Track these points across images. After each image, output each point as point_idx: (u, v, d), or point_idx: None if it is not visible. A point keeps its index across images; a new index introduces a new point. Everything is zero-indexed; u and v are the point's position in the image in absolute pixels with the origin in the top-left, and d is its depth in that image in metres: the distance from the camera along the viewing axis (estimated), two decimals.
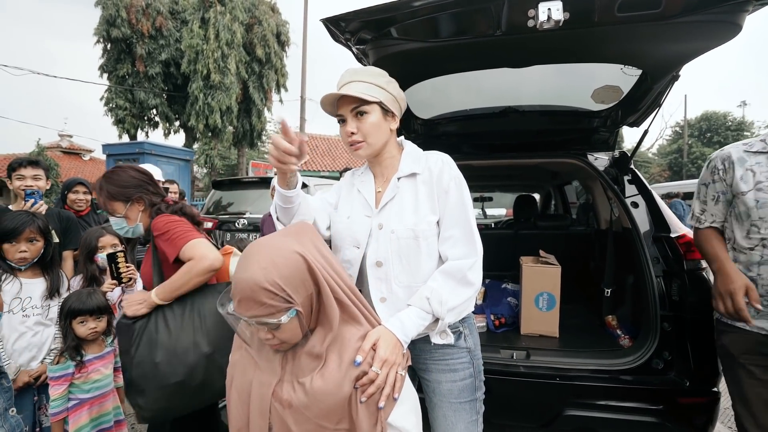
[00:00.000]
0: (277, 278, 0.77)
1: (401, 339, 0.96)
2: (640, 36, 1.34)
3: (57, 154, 19.16)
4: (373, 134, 1.12)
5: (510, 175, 4.07)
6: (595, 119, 2.22)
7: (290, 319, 0.80)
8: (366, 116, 1.10)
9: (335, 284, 0.87)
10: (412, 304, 1.04)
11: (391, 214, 1.13)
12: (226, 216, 4.99)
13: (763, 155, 1.35)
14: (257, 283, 0.76)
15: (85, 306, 1.77)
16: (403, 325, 0.99)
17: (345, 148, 1.22)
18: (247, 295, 0.77)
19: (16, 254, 1.74)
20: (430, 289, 1.04)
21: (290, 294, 0.79)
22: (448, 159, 1.16)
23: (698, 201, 1.53)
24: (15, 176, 2.30)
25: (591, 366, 1.72)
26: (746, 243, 1.36)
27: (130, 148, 8.50)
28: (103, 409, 1.81)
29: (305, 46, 15.40)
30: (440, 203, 1.11)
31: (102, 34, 13.73)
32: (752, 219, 1.33)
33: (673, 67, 1.56)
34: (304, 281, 0.82)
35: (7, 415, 1.22)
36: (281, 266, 0.79)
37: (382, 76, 1.14)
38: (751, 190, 1.33)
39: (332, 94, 1.10)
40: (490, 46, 1.46)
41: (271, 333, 0.82)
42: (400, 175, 1.16)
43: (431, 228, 1.10)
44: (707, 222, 1.50)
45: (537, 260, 2.38)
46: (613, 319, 2.15)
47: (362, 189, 1.23)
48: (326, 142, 17.95)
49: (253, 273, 0.77)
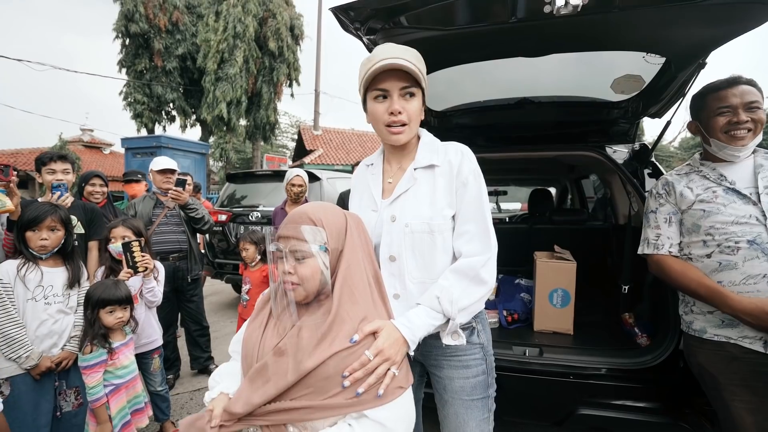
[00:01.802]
0: (322, 216, 0.93)
1: (408, 338, 0.92)
2: (665, 20, 1.28)
3: (79, 148, 19.73)
4: (416, 119, 1.08)
5: (525, 168, 3.99)
6: (614, 110, 2.14)
7: (317, 253, 0.90)
8: (414, 99, 1.05)
9: (359, 260, 0.94)
10: (422, 303, 1.01)
11: (405, 207, 1.09)
12: (239, 209, 5.04)
13: (693, 174, 1.47)
14: (306, 213, 0.93)
15: (113, 296, 1.85)
16: (411, 323, 0.95)
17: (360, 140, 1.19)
18: (293, 219, 0.93)
19: (38, 242, 1.80)
20: (440, 288, 1.00)
21: (326, 233, 0.91)
22: (468, 151, 1.11)
23: (650, 228, 1.53)
24: (45, 170, 2.37)
25: (606, 364, 1.67)
26: (703, 251, 1.37)
27: (147, 141, 8.62)
28: (136, 392, 1.94)
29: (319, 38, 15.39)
30: (458, 196, 1.07)
31: (120, 30, 13.96)
32: (704, 228, 1.36)
33: (700, 54, 1.48)
34: (339, 235, 0.95)
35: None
36: (329, 212, 0.96)
37: (423, 64, 1.09)
38: (694, 202, 1.40)
39: (391, 63, 0.99)
40: (505, 34, 1.41)
41: (293, 267, 0.89)
42: (417, 165, 1.11)
43: (447, 222, 1.06)
44: (665, 246, 1.47)
45: (552, 256, 2.32)
46: (630, 316, 2.09)
47: (371, 182, 1.20)
48: (340, 136, 17.96)
49: (307, 208, 0.96)
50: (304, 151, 16.51)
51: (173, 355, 3.10)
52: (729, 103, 1.34)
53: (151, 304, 2.32)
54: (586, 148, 2.18)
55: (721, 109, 1.36)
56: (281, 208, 3.50)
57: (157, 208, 2.97)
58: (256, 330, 0.97)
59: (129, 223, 2.23)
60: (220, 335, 4.14)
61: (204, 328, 3.23)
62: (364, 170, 1.27)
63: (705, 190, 1.40)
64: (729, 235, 1.30)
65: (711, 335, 1.35)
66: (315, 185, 4.61)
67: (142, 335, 2.18)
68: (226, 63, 13.56)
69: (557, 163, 3.41)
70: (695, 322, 1.41)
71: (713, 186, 1.39)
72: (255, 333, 0.96)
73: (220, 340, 3.94)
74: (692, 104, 1.49)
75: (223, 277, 5.05)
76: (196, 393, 2.98)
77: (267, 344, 0.91)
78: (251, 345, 0.94)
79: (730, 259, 1.29)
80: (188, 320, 3.17)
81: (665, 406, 1.61)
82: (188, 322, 3.18)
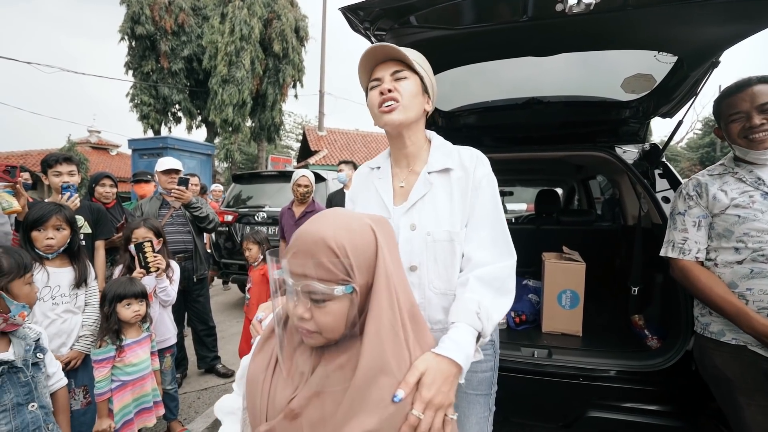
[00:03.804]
0: (347, 243, 0.66)
1: (462, 363, 0.78)
2: (678, 18, 1.26)
3: (86, 149, 19.91)
4: (410, 98, 1.03)
5: (532, 168, 3.96)
6: (624, 110, 2.12)
7: (343, 295, 0.66)
8: (406, 81, 1.03)
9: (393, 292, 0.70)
10: (461, 320, 0.88)
11: (424, 215, 1.04)
12: (245, 209, 5.05)
13: (727, 175, 1.40)
14: (323, 239, 0.65)
15: (130, 290, 1.91)
16: (459, 346, 0.80)
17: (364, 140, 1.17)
18: (307, 248, 0.66)
19: (44, 241, 1.81)
20: (475, 302, 0.90)
21: (353, 266, 0.66)
22: (482, 156, 1.08)
23: (676, 231, 1.47)
24: (52, 172, 2.40)
25: (616, 367, 1.65)
26: (734, 257, 1.32)
27: (154, 143, 8.69)
28: (143, 391, 1.95)
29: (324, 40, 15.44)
30: (470, 200, 1.03)
31: (127, 32, 14.06)
32: (737, 235, 1.31)
33: (713, 52, 1.46)
34: (369, 264, 0.69)
35: (23, 409, 1.23)
36: (355, 233, 0.68)
37: (426, 62, 1.09)
38: (729, 206, 1.34)
39: (379, 48, 1.00)
40: (516, 33, 1.40)
41: (310, 312, 0.67)
42: (431, 169, 1.06)
43: (463, 230, 1.02)
44: (693, 251, 1.41)
45: (560, 257, 2.31)
46: (640, 318, 2.07)
47: (379, 187, 1.13)
48: (344, 137, 17.99)
49: (322, 227, 0.68)
50: (309, 151, 16.55)
51: (180, 355, 3.11)
52: (739, 109, 1.32)
53: (165, 304, 2.37)
54: (595, 149, 2.16)
55: (733, 115, 1.34)
56: (288, 209, 3.51)
57: (163, 209, 2.99)
58: (261, 371, 0.75)
59: (149, 224, 2.32)
60: (227, 335, 4.15)
61: (210, 327, 3.24)
62: (367, 173, 1.21)
63: (741, 194, 1.33)
64: (764, 244, 1.25)
65: (729, 338, 1.32)
66: (320, 186, 4.61)
67: (156, 334, 2.21)
68: (233, 66, 13.62)
69: (565, 163, 3.38)
70: (712, 324, 1.38)
71: (750, 190, 1.32)
72: (260, 376, 0.75)
73: (227, 340, 3.95)
74: (713, 111, 1.46)
75: (229, 277, 5.08)
76: (203, 392, 2.98)
77: (278, 397, 0.71)
78: (256, 392, 0.73)
79: (763, 267, 1.25)
80: (195, 320, 3.18)
81: (677, 410, 1.59)
82: (195, 322, 3.19)
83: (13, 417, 1.19)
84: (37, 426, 1.26)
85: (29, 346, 1.31)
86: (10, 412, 1.19)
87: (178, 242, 2.94)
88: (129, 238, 2.27)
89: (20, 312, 1.24)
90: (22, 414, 1.21)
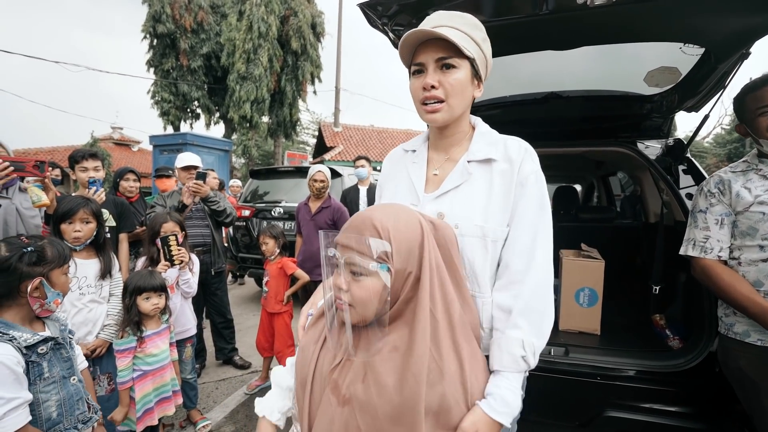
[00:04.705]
0: (390, 226, 0.74)
1: (507, 424, 0.78)
2: (705, 8, 1.21)
3: (110, 145, 20.53)
4: (457, 95, 0.90)
5: (549, 165, 3.88)
6: (647, 104, 2.06)
7: (377, 272, 0.72)
8: (454, 71, 0.89)
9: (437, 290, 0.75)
10: (507, 369, 0.82)
11: (456, 205, 0.93)
12: (262, 204, 5.13)
13: (750, 172, 1.37)
14: (371, 218, 0.75)
15: (149, 284, 1.97)
16: (509, 406, 0.78)
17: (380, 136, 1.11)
18: (355, 225, 0.76)
19: (72, 233, 1.88)
20: (520, 344, 0.82)
21: (392, 247, 0.73)
22: (531, 149, 0.96)
23: (698, 229, 1.43)
24: (78, 168, 2.49)
25: (636, 366, 1.62)
26: (758, 255, 1.29)
27: (173, 139, 8.88)
28: (163, 381, 2.01)
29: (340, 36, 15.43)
30: (514, 197, 0.90)
31: (149, 30, 14.41)
32: (761, 233, 1.28)
33: (743, 43, 1.40)
34: (411, 251, 0.75)
35: (67, 382, 1.32)
36: (401, 220, 0.76)
37: (480, 30, 0.93)
38: (753, 203, 1.31)
39: (420, 32, 0.87)
40: (536, 27, 1.37)
41: (348, 283, 0.74)
42: (471, 158, 0.95)
43: (501, 229, 0.90)
44: (715, 250, 1.37)
45: (579, 254, 2.27)
46: (661, 318, 2.02)
47: (412, 172, 1.03)
48: (360, 132, 18.00)
49: (374, 211, 0.78)
50: (325, 147, 16.64)
51: (199, 346, 3.19)
52: None
53: (187, 295, 2.44)
54: (616, 144, 2.11)
55: (761, 108, 1.29)
56: (304, 204, 3.55)
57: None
58: (311, 345, 0.84)
59: (175, 218, 2.39)
60: (244, 327, 4.24)
61: (228, 320, 3.31)
62: (401, 156, 1.11)
63: (766, 191, 1.30)
64: None
65: (755, 339, 1.28)
66: (336, 181, 4.64)
67: (177, 324, 2.28)
68: (251, 63, 13.78)
69: (584, 159, 3.31)
70: (737, 325, 1.34)
71: None
72: (310, 348, 0.83)
73: (244, 332, 4.04)
74: (735, 108, 1.42)
75: (245, 271, 5.17)
76: (221, 383, 3.06)
77: (325, 366, 0.79)
78: (305, 360, 0.82)
79: None
80: (213, 312, 3.26)
81: (699, 412, 1.55)
82: (213, 314, 3.27)
83: (61, 388, 1.29)
84: (79, 396, 1.36)
85: (63, 326, 1.39)
86: (58, 383, 1.29)
87: (197, 236, 3.01)
88: (157, 232, 2.32)
89: (55, 299, 1.31)
90: (66, 386, 1.32)
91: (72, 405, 1.31)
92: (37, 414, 1.21)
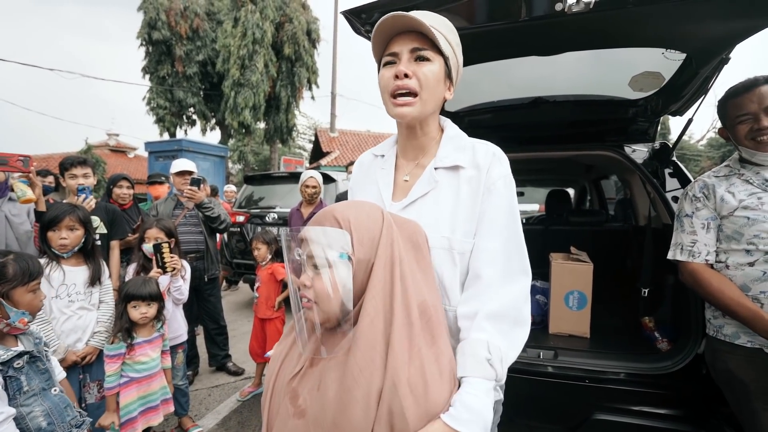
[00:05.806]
0: (351, 216, 0.74)
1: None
2: (682, 15, 1.24)
3: (105, 152, 20.47)
4: (431, 88, 0.85)
5: (541, 169, 3.92)
6: (632, 108, 2.08)
7: (341, 265, 0.70)
8: (428, 63, 0.84)
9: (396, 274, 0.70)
10: (471, 374, 0.73)
11: (422, 214, 0.88)
12: (257, 210, 5.13)
13: (733, 176, 1.38)
14: (332, 211, 0.75)
15: (138, 292, 1.95)
16: (474, 413, 0.68)
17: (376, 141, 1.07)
18: (318, 218, 0.77)
19: (58, 241, 1.88)
20: (484, 346, 0.75)
21: (353, 237, 0.71)
22: (501, 153, 0.91)
23: (685, 233, 1.43)
24: (68, 175, 2.49)
25: (624, 369, 1.63)
26: (745, 259, 1.30)
27: (169, 145, 8.91)
28: (150, 389, 1.98)
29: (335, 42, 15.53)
30: (481, 204, 0.86)
31: (144, 37, 14.43)
32: (747, 237, 1.29)
33: (722, 49, 1.43)
34: (373, 242, 0.72)
35: (47, 393, 1.31)
36: (362, 213, 0.75)
37: (455, 35, 0.90)
38: (737, 208, 1.31)
39: (396, 18, 0.82)
40: (517, 33, 1.39)
41: (311, 279, 0.71)
42: (438, 164, 0.90)
43: (467, 239, 0.85)
44: (703, 254, 1.38)
45: (568, 257, 2.28)
46: (650, 320, 2.03)
47: (380, 179, 0.99)
48: (356, 138, 18.06)
49: (336, 205, 0.78)
50: (321, 153, 16.67)
51: (192, 352, 3.18)
52: (747, 111, 1.29)
53: (178, 302, 2.44)
54: (603, 148, 2.13)
55: (740, 117, 1.31)
56: (297, 209, 3.55)
57: (177, 209, 3.06)
58: (276, 358, 0.81)
59: (162, 225, 2.38)
60: (238, 334, 4.22)
61: (221, 326, 3.30)
62: (370, 161, 1.06)
63: (749, 195, 1.31)
64: None
65: (745, 341, 1.29)
66: (330, 187, 4.65)
67: (168, 330, 2.27)
68: (247, 69, 13.82)
69: (574, 163, 3.34)
70: (726, 326, 1.35)
71: (758, 192, 1.30)
72: (277, 358, 0.81)
73: (238, 339, 4.02)
74: (718, 112, 1.43)
75: (239, 277, 5.16)
76: (214, 389, 3.04)
77: (284, 375, 0.76)
78: (270, 371, 0.80)
79: None
80: (206, 318, 3.25)
81: (686, 414, 1.55)
82: (206, 321, 3.26)
83: (43, 399, 1.27)
84: (66, 404, 1.34)
85: (38, 339, 1.38)
86: (39, 395, 1.27)
87: (191, 242, 3.01)
88: (142, 239, 2.34)
89: (20, 318, 1.27)
90: (48, 397, 1.30)
91: (61, 412, 1.30)
92: (25, 427, 1.20)
